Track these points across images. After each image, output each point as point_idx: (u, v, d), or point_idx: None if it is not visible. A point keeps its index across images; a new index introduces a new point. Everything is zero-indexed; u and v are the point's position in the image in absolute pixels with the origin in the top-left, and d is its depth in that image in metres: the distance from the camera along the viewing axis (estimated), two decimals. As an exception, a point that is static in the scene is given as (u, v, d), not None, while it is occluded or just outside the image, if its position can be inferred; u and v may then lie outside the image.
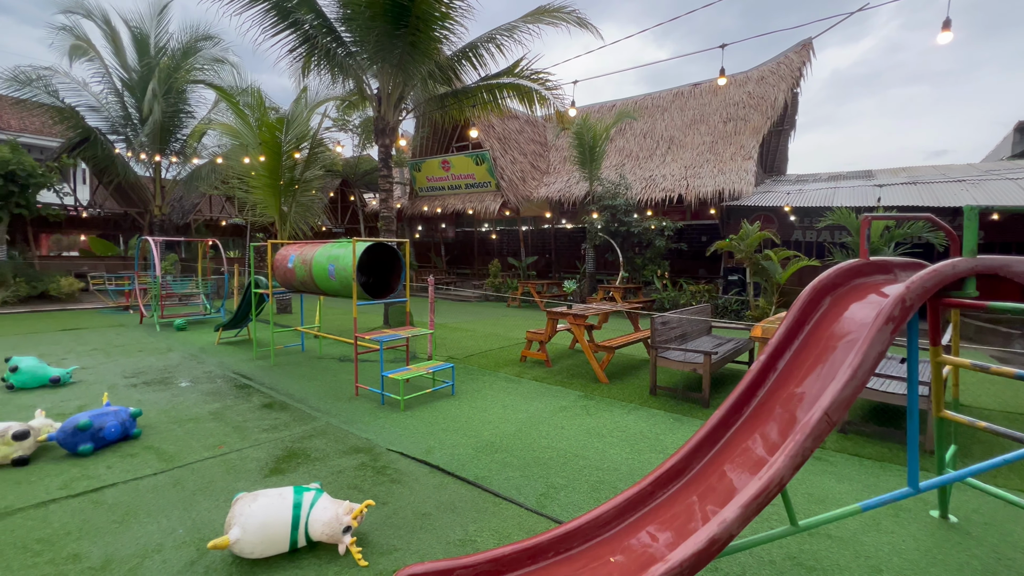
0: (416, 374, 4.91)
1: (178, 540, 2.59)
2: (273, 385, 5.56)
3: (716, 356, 4.92)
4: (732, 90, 15.97)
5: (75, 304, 12.65)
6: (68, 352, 7.12)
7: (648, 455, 3.76)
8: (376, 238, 5.58)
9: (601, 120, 15.30)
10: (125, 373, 6.00)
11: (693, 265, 16.41)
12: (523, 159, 17.68)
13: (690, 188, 13.40)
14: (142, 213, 16.67)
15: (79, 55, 13.51)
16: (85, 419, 3.55)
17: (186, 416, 4.49)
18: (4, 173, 12.11)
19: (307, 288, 6.02)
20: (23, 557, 2.42)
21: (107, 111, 14.46)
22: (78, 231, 19.19)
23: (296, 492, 2.53)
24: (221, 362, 6.66)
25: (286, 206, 10.96)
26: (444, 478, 3.37)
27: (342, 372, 6.17)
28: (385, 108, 8.85)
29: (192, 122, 15.19)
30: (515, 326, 10.11)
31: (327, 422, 4.41)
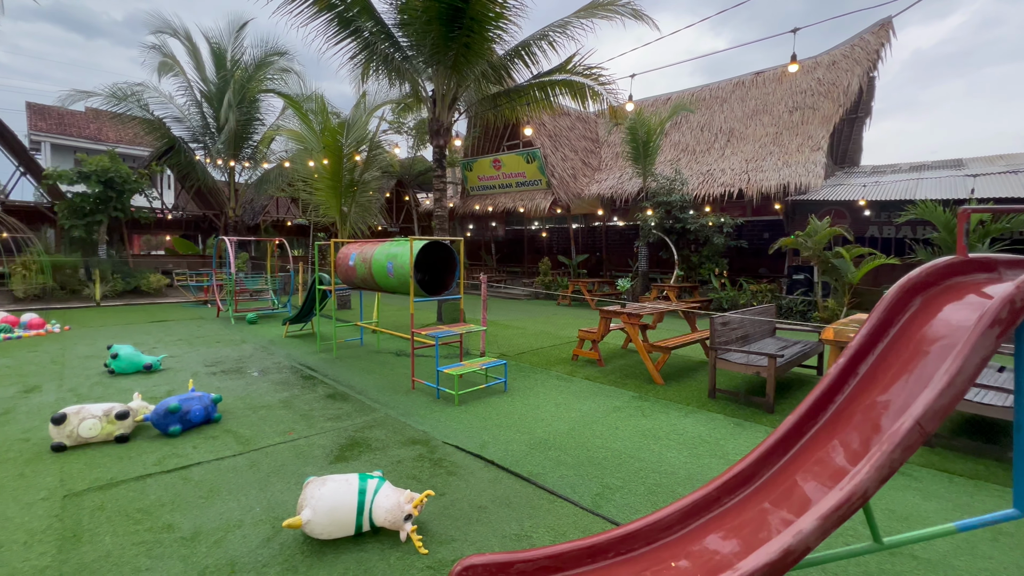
0: (470, 370, 5.00)
1: (256, 517, 2.79)
2: (336, 377, 5.84)
3: (782, 359, 4.66)
4: (799, 77, 15.02)
5: (162, 298, 13.89)
6: (157, 342, 7.84)
7: (708, 460, 3.63)
8: (431, 237, 5.74)
9: (656, 114, 14.87)
10: (206, 362, 6.53)
11: (753, 263, 15.60)
12: (574, 156, 17.52)
13: (751, 182, 12.74)
14: (218, 215, 18.01)
15: (166, 71, 14.79)
16: (175, 403, 3.89)
17: (259, 403, 4.82)
18: (104, 180, 13.50)
19: (367, 285, 6.28)
20: (127, 524, 2.70)
21: (189, 121, 15.75)
22: (164, 232, 21.05)
23: (361, 479, 2.66)
24: (289, 354, 7.09)
25: (346, 206, 11.48)
26: (499, 473, 3.41)
27: (399, 366, 6.39)
28: (440, 109, 9.05)
29: (262, 129, 16.24)
30: (566, 324, 10.05)
31: (386, 414, 4.59)
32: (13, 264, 12.59)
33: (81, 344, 7.56)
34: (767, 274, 15.05)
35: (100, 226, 14.10)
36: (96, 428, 3.68)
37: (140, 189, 14.50)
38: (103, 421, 3.71)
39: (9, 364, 6.22)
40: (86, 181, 13.39)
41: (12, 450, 3.63)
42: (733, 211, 13.75)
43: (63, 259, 13.42)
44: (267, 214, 20.48)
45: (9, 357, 6.62)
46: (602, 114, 11.57)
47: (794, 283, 12.79)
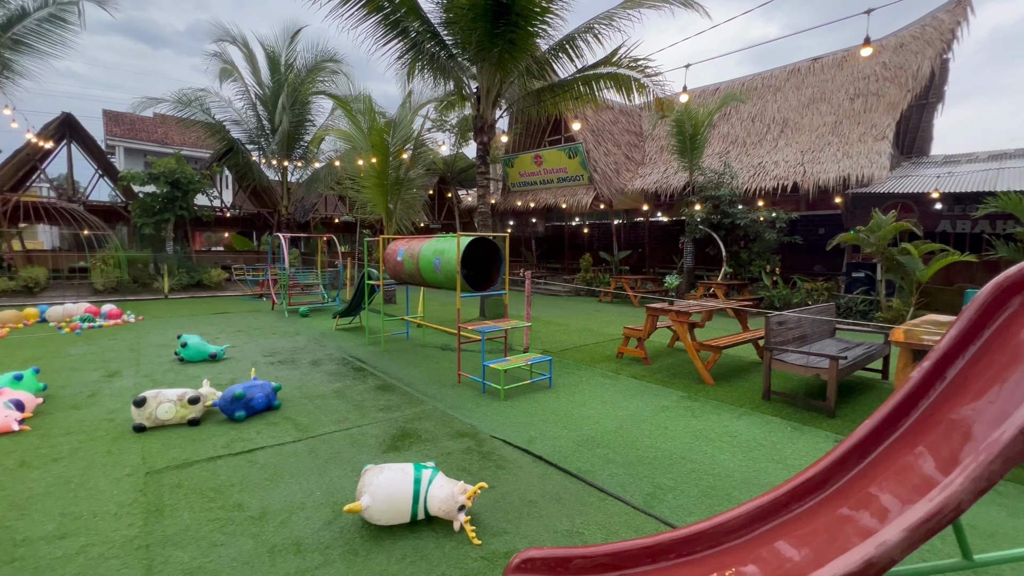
0: (515, 365, 5.03)
1: (317, 501, 2.92)
2: (384, 369, 6.02)
3: (845, 361, 4.41)
4: (861, 61, 14.11)
5: (222, 292, 14.75)
6: (220, 332, 8.33)
7: (764, 464, 3.49)
8: (475, 232, 5.80)
9: (704, 105, 14.37)
10: (264, 352, 6.88)
11: (808, 260, 14.83)
12: (617, 151, 17.21)
13: (807, 175, 12.10)
14: (271, 212, 18.90)
15: (227, 77, 15.63)
16: (240, 390, 4.13)
17: (314, 393, 5.04)
18: (171, 181, 14.45)
19: (414, 280, 6.42)
20: (202, 501, 2.89)
21: (246, 124, 16.59)
22: (223, 229, 22.32)
23: (416, 469, 2.73)
24: (339, 346, 7.37)
25: (392, 204, 11.77)
26: (547, 468, 3.42)
27: (444, 360, 6.51)
28: (484, 106, 9.11)
29: (313, 130, 16.90)
30: (608, 322, 9.92)
31: (433, 406, 4.69)
32: (94, 259, 13.70)
33: (153, 333, 8.15)
34: (822, 272, 14.29)
35: (168, 224, 15.11)
36: (171, 411, 3.96)
37: (202, 189, 15.42)
38: (177, 405, 3.99)
39: (93, 351, 6.79)
40: (155, 182, 14.38)
41: (100, 429, 3.97)
42: (785, 205, 13.11)
43: (136, 255, 14.49)
44: (316, 212, 21.29)
45: (93, 344, 7.22)
46: (648, 107, 11.27)
47: (853, 281, 12.09)
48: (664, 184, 15.13)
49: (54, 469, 3.26)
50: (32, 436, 3.79)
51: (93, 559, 2.36)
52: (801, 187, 12.06)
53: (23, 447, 3.59)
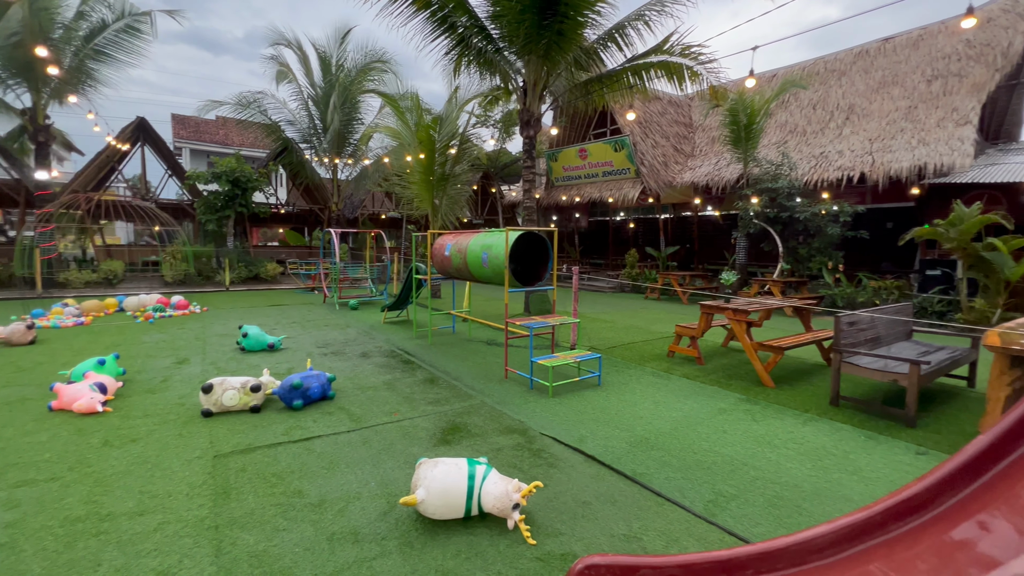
0: (564, 362, 4.94)
1: (372, 492, 2.96)
2: (432, 363, 6.09)
3: (927, 367, 4.03)
4: (940, 40, 12.97)
5: (276, 285, 15.46)
6: (276, 324, 8.71)
7: (837, 475, 3.24)
8: (521, 228, 5.74)
9: (759, 93, 13.64)
10: (317, 343, 7.13)
11: (874, 257, 13.85)
12: (665, 143, 16.66)
13: (876, 165, 11.25)
14: (322, 209, 19.62)
15: (282, 79, 16.31)
16: (297, 380, 4.27)
17: (366, 384, 5.15)
18: (232, 179, 15.25)
19: (461, 275, 6.44)
20: (265, 487, 3.00)
21: (299, 124, 17.27)
22: (277, 225, 23.43)
23: (469, 464, 2.71)
24: (388, 339, 7.52)
25: (438, 199, 11.91)
26: (600, 469, 3.32)
27: (490, 355, 6.51)
28: (530, 99, 9.01)
29: (361, 128, 17.36)
30: (656, 319, 9.62)
31: (482, 401, 4.68)
32: (164, 253, 14.70)
33: (216, 323, 8.62)
34: (890, 269, 13.29)
35: (228, 220, 15.98)
36: (235, 398, 4.15)
37: (260, 187, 16.19)
38: (240, 392, 4.17)
39: (165, 339, 7.26)
40: (218, 180, 15.21)
41: (172, 413, 4.21)
42: (849, 198, 12.25)
43: (201, 249, 15.41)
44: (365, 208, 21.92)
45: (164, 333, 7.73)
46: (701, 95, 10.81)
47: (927, 279, 11.17)
48: (715, 177, 14.51)
49: (133, 449, 3.48)
50: (113, 417, 4.08)
51: (169, 536, 2.49)
52: (869, 178, 11.22)
53: (106, 427, 3.86)
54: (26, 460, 3.28)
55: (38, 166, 13.04)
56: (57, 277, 12.67)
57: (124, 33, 13.19)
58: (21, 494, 2.86)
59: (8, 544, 2.40)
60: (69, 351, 6.35)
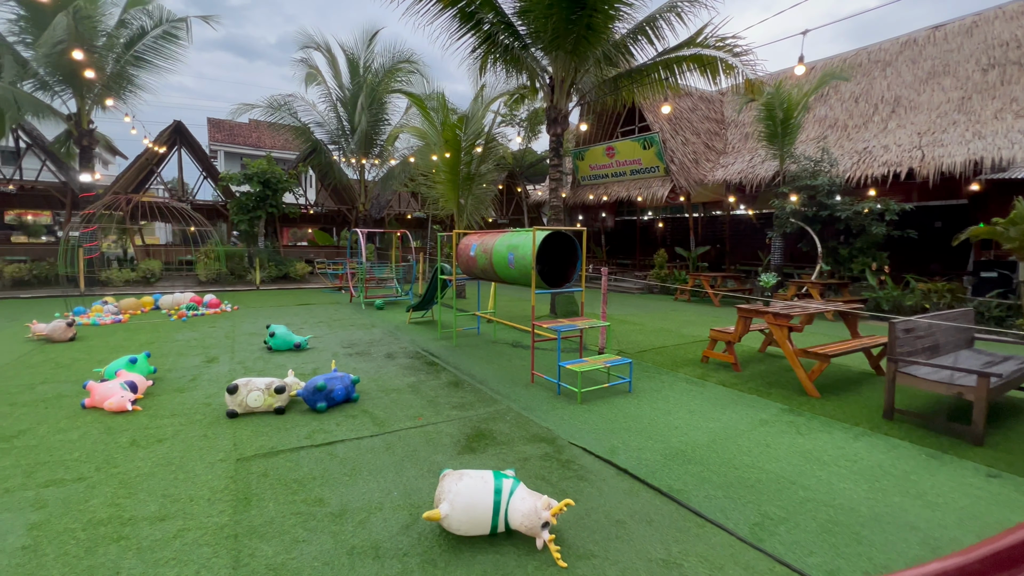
0: (593, 367, 4.74)
1: (394, 502, 2.84)
2: (457, 365, 5.97)
3: (998, 380, 3.67)
4: (996, 26, 12.15)
5: (305, 284, 15.71)
6: (303, 323, 8.78)
7: (897, 498, 2.95)
8: (549, 227, 5.55)
9: (798, 86, 13.07)
10: (342, 343, 7.12)
11: (920, 257, 13.08)
12: (696, 139, 16.17)
13: (926, 160, 10.58)
14: (350, 209, 19.87)
15: (312, 81, 16.57)
16: (321, 382, 4.21)
17: (390, 386, 5.07)
18: (263, 180, 15.57)
19: (487, 275, 6.31)
20: (286, 494, 2.92)
21: (328, 125, 17.52)
22: (306, 225, 23.88)
23: (496, 477, 2.55)
24: (413, 339, 7.46)
25: (463, 199, 11.83)
26: (634, 484, 3.12)
27: (516, 357, 6.35)
28: (557, 96, 8.82)
29: (388, 128, 17.49)
30: (687, 322, 9.28)
31: (507, 406, 4.53)
32: (198, 253, 15.13)
33: (246, 322, 8.75)
34: (940, 270, 12.51)
35: (260, 220, 16.33)
36: (260, 399, 4.12)
37: (290, 188, 16.49)
38: (265, 393, 4.14)
39: (196, 337, 7.38)
40: (249, 182, 15.56)
41: (198, 413, 4.22)
42: (893, 195, 11.58)
43: (233, 249, 15.80)
44: (391, 208, 22.12)
45: (196, 331, 7.87)
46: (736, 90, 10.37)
47: (982, 282, 10.46)
48: (749, 174, 13.98)
49: (159, 450, 3.47)
50: (142, 416, 4.10)
51: (188, 544, 2.42)
52: (918, 174, 10.57)
53: (135, 426, 3.88)
54: (56, 459, 3.30)
55: (82, 169, 13.58)
56: (99, 276, 13.18)
57: (162, 39, 13.61)
58: (49, 494, 2.86)
59: (31, 547, 2.38)
60: (106, 348, 6.51)
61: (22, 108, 12.00)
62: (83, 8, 11.47)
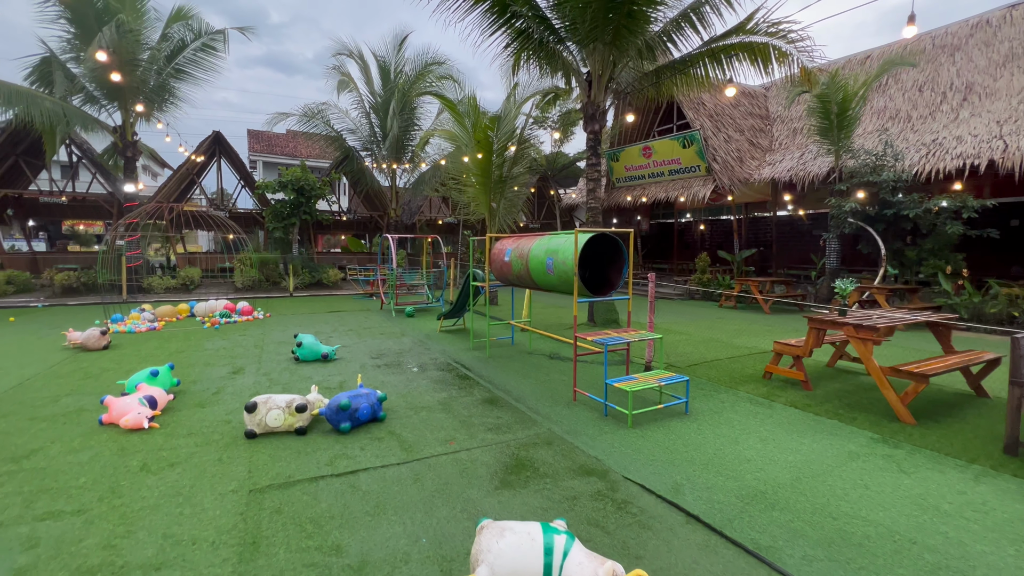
0: (646, 386, 4.20)
1: (423, 553, 2.41)
2: (491, 379, 5.53)
3: None
4: (1089, 1, 10.85)
5: (338, 291, 15.69)
6: (333, 331, 8.56)
7: (1058, 568, 2.30)
8: (592, 229, 5.05)
9: (853, 76, 12.09)
10: (371, 353, 6.81)
11: (1000, 260, 11.80)
12: (739, 136, 15.29)
13: (1010, 151, 9.48)
14: (381, 215, 19.88)
15: (344, 88, 16.64)
16: (345, 400, 3.85)
17: (419, 403, 4.67)
18: (297, 188, 15.69)
19: (522, 282, 5.86)
20: (300, 537, 2.53)
21: (360, 132, 17.56)
22: (339, 232, 24.11)
23: (545, 532, 2.08)
24: (443, 349, 7.08)
25: (495, 202, 11.45)
26: (709, 536, 2.58)
27: (554, 371, 5.86)
28: (595, 91, 8.32)
29: (419, 133, 17.38)
30: (738, 331, 8.55)
31: (549, 429, 4.04)
32: (236, 260, 15.34)
33: (276, 330, 8.60)
34: (1022, 274, 11.25)
35: (294, 227, 16.46)
36: (280, 419, 3.79)
37: (323, 195, 16.58)
38: (285, 412, 3.81)
39: (225, 346, 7.24)
40: (284, 189, 15.71)
41: (216, 432, 3.92)
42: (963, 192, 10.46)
43: (268, 256, 15.96)
44: (422, 214, 22.04)
45: (227, 339, 7.75)
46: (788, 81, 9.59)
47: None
48: (800, 171, 13.03)
49: (169, 476, 3.17)
50: (158, 435, 3.84)
51: (183, 603, 2.05)
52: (1001, 166, 9.47)
53: (148, 447, 3.61)
54: (60, 485, 3.04)
55: (126, 179, 13.98)
56: (141, 283, 13.49)
57: (201, 51, 13.91)
58: (43, 530, 2.57)
59: (10, 600, 2.07)
60: (136, 357, 6.41)
61: (71, 122, 12.44)
62: (127, 23, 11.78)
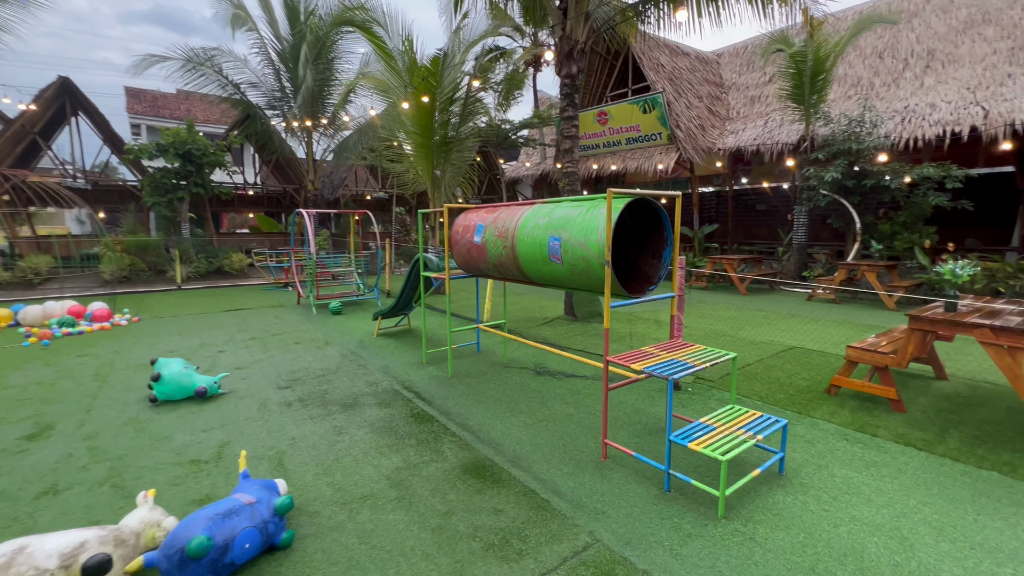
0: (734, 442, 2.61)
1: None
2: (464, 419, 3.73)
3: None
4: (1043, -32, 10.65)
5: (243, 280, 12.86)
6: (227, 341, 6.25)
7: None
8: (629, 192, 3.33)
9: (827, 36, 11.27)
10: (279, 379, 4.71)
11: (953, 233, 11.70)
12: (699, 103, 14.22)
13: (992, 116, 8.98)
14: (298, 189, 16.89)
15: (239, 25, 13.39)
16: (200, 537, 1.88)
17: (356, 489, 2.77)
18: (182, 153, 12.49)
19: (503, 272, 4.05)
20: None
21: (264, 86, 14.42)
22: (249, 209, 20.55)
23: None
24: (386, 366, 5.13)
25: (439, 170, 9.39)
26: None
27: (551, 398, 4.16)
28: (572, 24, 6.51)
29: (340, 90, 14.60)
30: (733, 320, 7.34)
31: (591, 533, 2.35)
32: (102, 245, 11.99)
33: (141, 343, 6.13)
34: (977, 246, 11.18)
35: (182, 203, 13.24)
36: (48, 592, 1.76)
37: (219, 162, 13.44)
38: None
39: (46, 377, 4.77)
40: (164, 155, 12.45)
41: (-99, 628, 1.80)
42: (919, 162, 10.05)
43: (145, 239, 12.70)
44: (346, 188, 19.23)
45: (53, 364, 5.23)
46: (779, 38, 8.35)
47: (1036, 259, 9.18)
48: (768, 140, 12.16)
49: None
50: None
51: None
52: (984, 132, 8.97)
53: None
54: None
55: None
56: (-47, 278, 9.96)
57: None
58: None
59: None
60: None
61: None
62: None
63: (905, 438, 3.27)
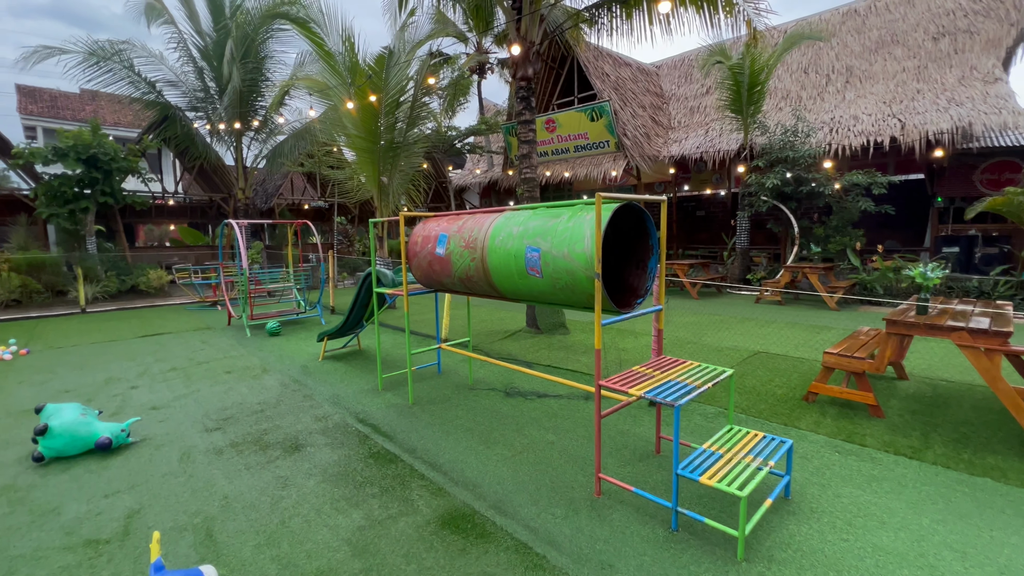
0: (741, 468, 2.36)
1: None
2: (433, 456, 3.26)
3: None
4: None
5: (164, 299, 11.50)
6: (142, 374, 5.36)
7: None
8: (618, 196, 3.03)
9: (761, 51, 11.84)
10: (207, 419, 4.01)
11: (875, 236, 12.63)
12: (643, 112, 14.55)
13: (908, 128, 9.73)
14: (227, 199, 15.52)
15: (155, 17, 12.10)
16: None
17: (309, 563, 2.26)
18: (85, 158, 11.02)
19: (472, 287, 3.64)
20: None
21: (185, 85, 13.12)
22: (168, 220, 18.68)
23: None
24: (336, 396, 4.54)
25: (386, 176, 8.82)
26: None
27: (527, 423, 3.78)
28: (527, 22, 6.26)
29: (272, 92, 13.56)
30: (693, 326, 7.34)
31: (597, 593, 1.99)
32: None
33: (28, 383, 5.12)
34: (896, 248, 12.11)
35: (87, 214, 11.67)
36: None
37: (132, 168, 12.00)
38: None
39: None
40: (63, 159, 10.91)
41: None
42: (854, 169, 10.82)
43: (40, 255, 11.05)
44: (281, 196, 17.99)
45: (-97, 416, 4.18)
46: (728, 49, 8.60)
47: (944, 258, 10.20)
48: (710, 148, 12.59)
49: None
50: None
51: None
52: (903, 143, 9.68)
53: None
54: None
55: None
56: None
57: None
58: None
59: None
60: None
61: None
62: None
63: (893, 446, 3.20)
